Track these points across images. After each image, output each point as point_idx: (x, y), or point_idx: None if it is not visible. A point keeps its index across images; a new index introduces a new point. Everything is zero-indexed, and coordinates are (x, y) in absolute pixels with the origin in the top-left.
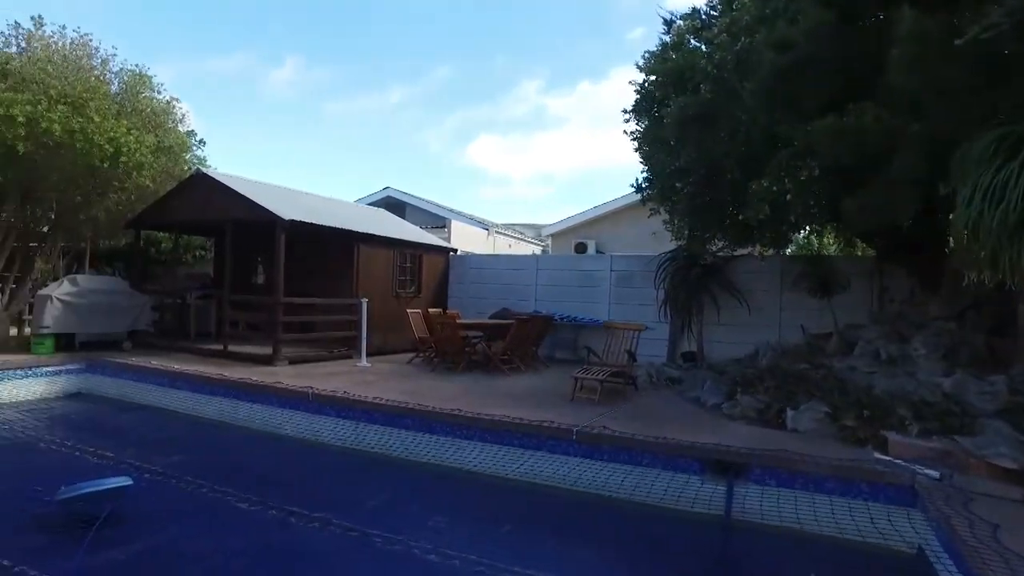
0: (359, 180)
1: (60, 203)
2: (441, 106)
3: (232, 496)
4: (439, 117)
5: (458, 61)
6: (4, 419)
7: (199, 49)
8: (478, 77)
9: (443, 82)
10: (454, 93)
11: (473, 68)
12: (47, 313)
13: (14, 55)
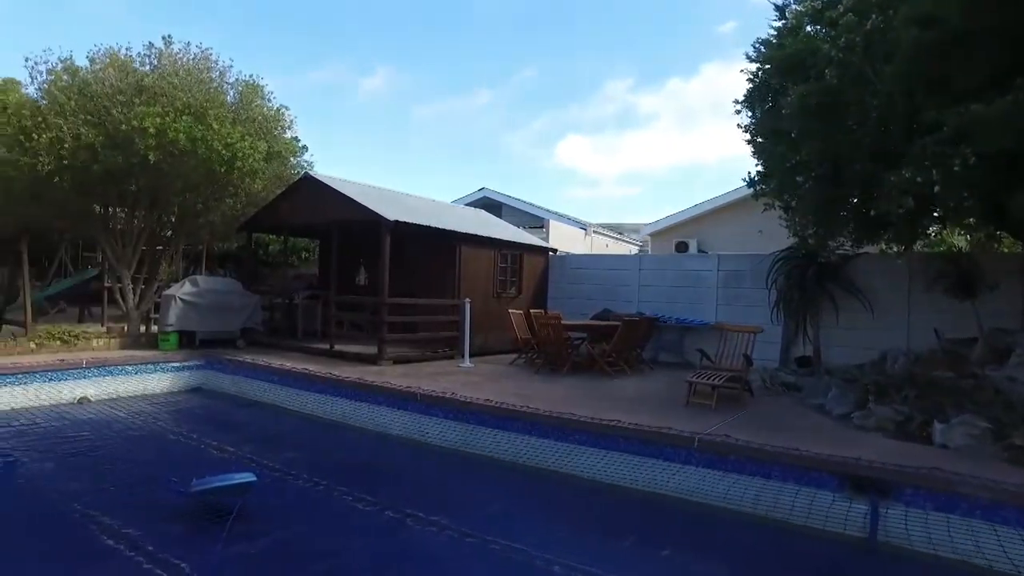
0: (447, 183)
1: (182, 208)
2: (528, 108)
3: (348, 495)
4: (526, 119)
5: (544, 63)
6: (139, 410)
7: (297, 62)
8: (565, 78)
9: (529, 84)
10: (541, 95)
11: (560, 69)
12: (171, 312)
13: (147, 72)
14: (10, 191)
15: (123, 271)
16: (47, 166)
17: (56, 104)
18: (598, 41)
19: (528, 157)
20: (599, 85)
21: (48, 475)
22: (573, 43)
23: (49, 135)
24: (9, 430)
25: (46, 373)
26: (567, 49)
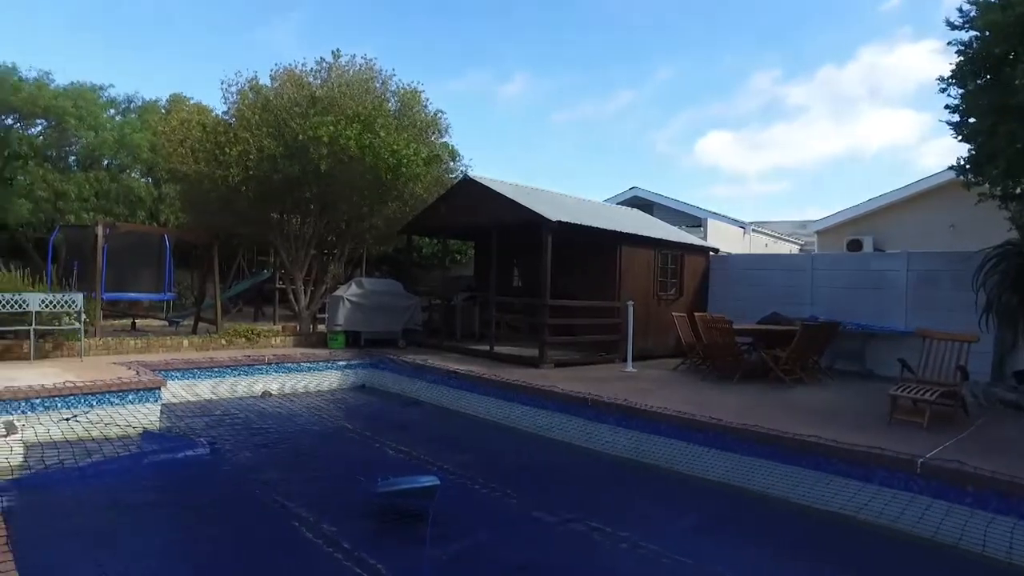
0: (583, 186)
1: (349, 213)
2: (666, 108)
3: (527, 503)
4: (665, 118)
5: (683, 60)
6: (314, 405)
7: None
8: (706, 74)
9: (667, 83)
10: (680, 93)
11: (700, 65)
12: (340, 312)
13: (319, 85)
14: (207, 202)
15: (296, 274)
16: (236, 177)
17: (243, 119)
18: (741, 34)
19: (667, 157)
20: (743, 79)
21: (247, 464)
22: (714, 38)
23: (238, 148)
24: (209, 419)
25: (236, 368)
26: (707, 44)
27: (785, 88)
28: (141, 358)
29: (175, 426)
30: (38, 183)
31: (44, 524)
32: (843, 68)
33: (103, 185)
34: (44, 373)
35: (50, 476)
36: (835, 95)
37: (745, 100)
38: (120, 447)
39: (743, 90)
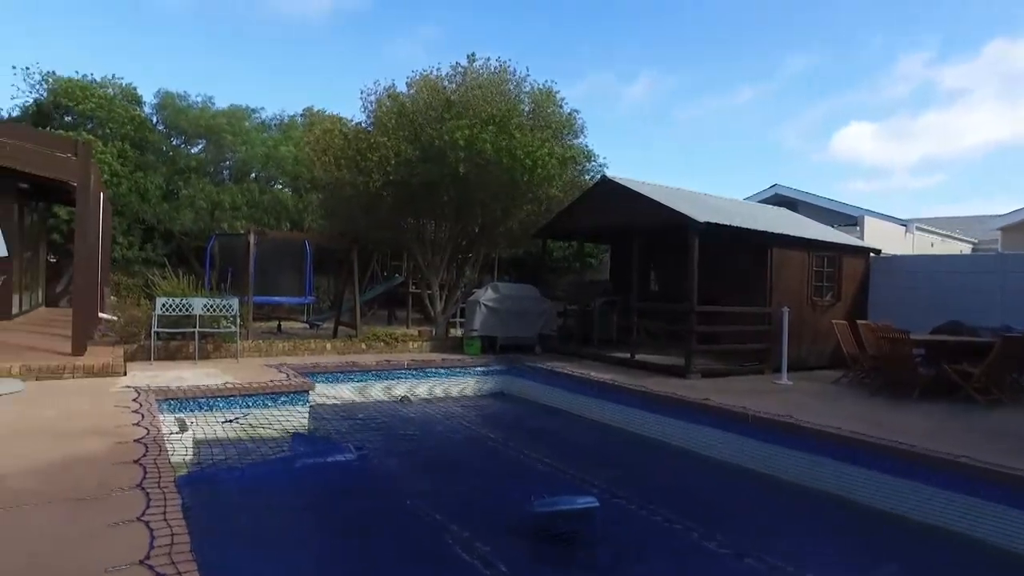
0: (711, 184)
1: (484, 217)
2: (799, 99)
3: (690, 529)
4: (797, 111)
5: (817, 49)
6: (453, 412)
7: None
8: (844, 61)
9: (799, 73)
10: (815, 83)
11: (837, 53)
12: (476, 317)
13: (454, 89)
14: (348, 208)
15: (432, 278)
16: (376, 183)
17: (382, 126)
18: (884, 14)
19: (798, 152)
20: (887, 64)
21: (394, 472)
22: (853, 21)
23: (377, 154)
24: (353, 423)
25: (376, 372)
26: (845, 29)
27: (939, 70)
28: (288, 360)
29: (321, 428)
30: (199, 195)
31: (212, 524)
32: (1017, 41)
33: (253, 195)
34: (207, 373)
35: (215, 475)
36: (1006, 74)
37: (890, 87)
38: (273, 448)
39: (888, 76)
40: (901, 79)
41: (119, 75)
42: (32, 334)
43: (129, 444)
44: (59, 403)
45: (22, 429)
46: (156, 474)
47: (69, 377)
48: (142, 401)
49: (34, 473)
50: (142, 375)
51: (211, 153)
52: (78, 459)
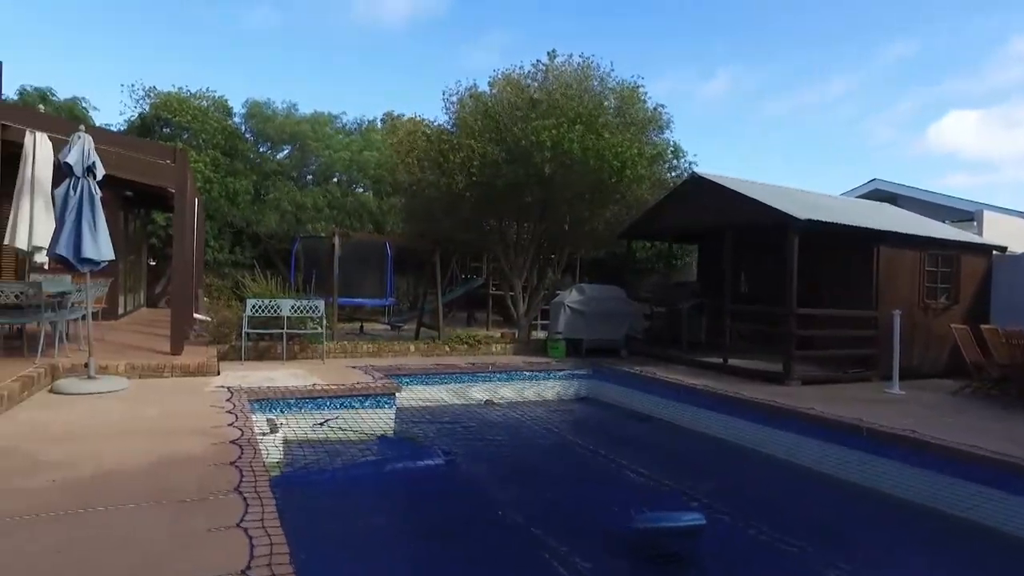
0: (795, 179)
1: (570, 217)
2: (891, 90)
3: (805, 553)
4: (889, 102)
5: (914, 34)
6: (538, 416)
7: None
8: (944, 47)
9: (896, 62)
10: (909, 72)
11: (936, 38)
12: (561, 319)
13: (537, 87)
14: (431, 210)
15: (515, 280)
16: (460, 184)
17: (466, 126)
18: None
19: (889, 145)
20: (995, 47)
21: (483, 478)
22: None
23: (461, 155)
24: (439, 426)
25: (461, 375)
26: (946, 10)
27: None
28: (372, 362)
29: (407, 431)
30: (284, 198)
31: (303, 528)
32: None
33: (335, 197)
34: (294, 374)
35: (306, 477)
36: None
37: (997, 72)
38: (361, 451)
39: (994, 61)
40: (1011, 62)
41: (212, 87)
42: (135, 333)
43: (225, 445)
44: (160, 402)
45: (128, 428)
46: (252, 478)
47: (168, 376)
48: (235, 401)
49: (139, 473)
50: (234, 375)
51: (295, 158)
52: (178, 459)
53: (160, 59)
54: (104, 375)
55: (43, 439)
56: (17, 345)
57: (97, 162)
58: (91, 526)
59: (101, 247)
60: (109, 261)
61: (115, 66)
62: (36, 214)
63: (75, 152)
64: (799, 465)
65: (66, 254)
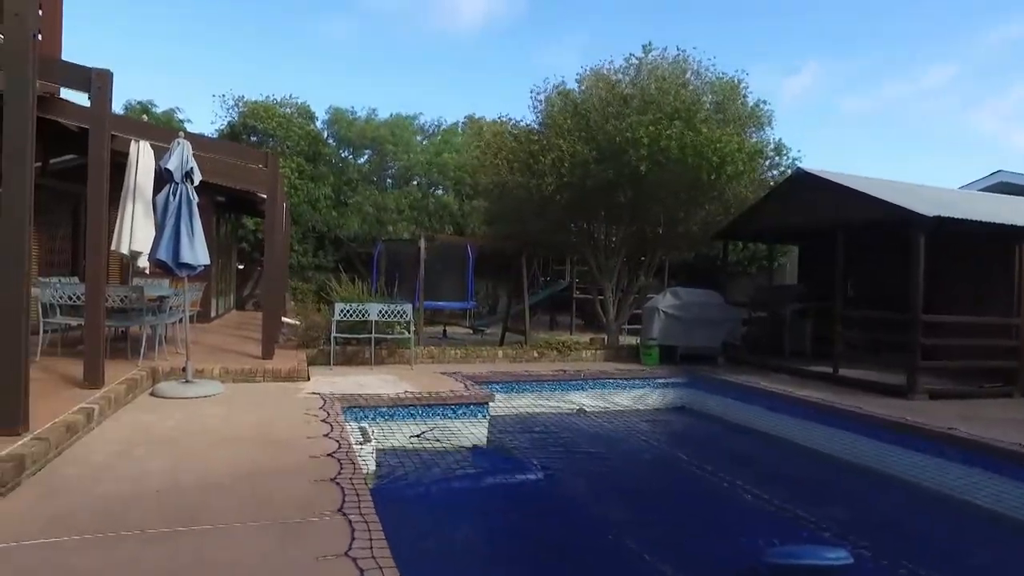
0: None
1: (665, 218)
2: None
3: None
4: (994, 91)
5: None
6: (635, 427)
7: None
8: None
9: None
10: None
11: None
12: (655, 325)
13: (627, 83)
14: (519, 212)
15: (605, 283)
16: (550, 185)
17: (555, 126)
18: None
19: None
20: None
21: (585, 496)
22: None
23: (551, 155)
24: (531, 436)
25: (552, 383)
26: None
27: None
28: (461, 368)
29: (500, 442)
30: (366, 201)
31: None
32: None
33: (415, 199)
34: (383, 380)
35: (400, 491)
36: None
37: None
38: (454, 463)
39: None
40: None
41: (295, 95)
42: (227, 336)
43: (323, 459)
44: (255, 408)
45: (226, 435)
46: (355, 498)
47: (260, 380)
48: (329, 409)
49: (240, 487)
50: (324, 380)
51: (375, 162)
52: (278, 472)
53: (248, 71)
54: (200, 379)
55: (148, 443)
56: (121, 347)
57: (195, 167)
58: (195, 548)
59: (198, 252)
60: (204, 266)
61: (207, 79)
62: (137, 220)
63: (175, 158)
64: (944, 494)
65: (165, 258)
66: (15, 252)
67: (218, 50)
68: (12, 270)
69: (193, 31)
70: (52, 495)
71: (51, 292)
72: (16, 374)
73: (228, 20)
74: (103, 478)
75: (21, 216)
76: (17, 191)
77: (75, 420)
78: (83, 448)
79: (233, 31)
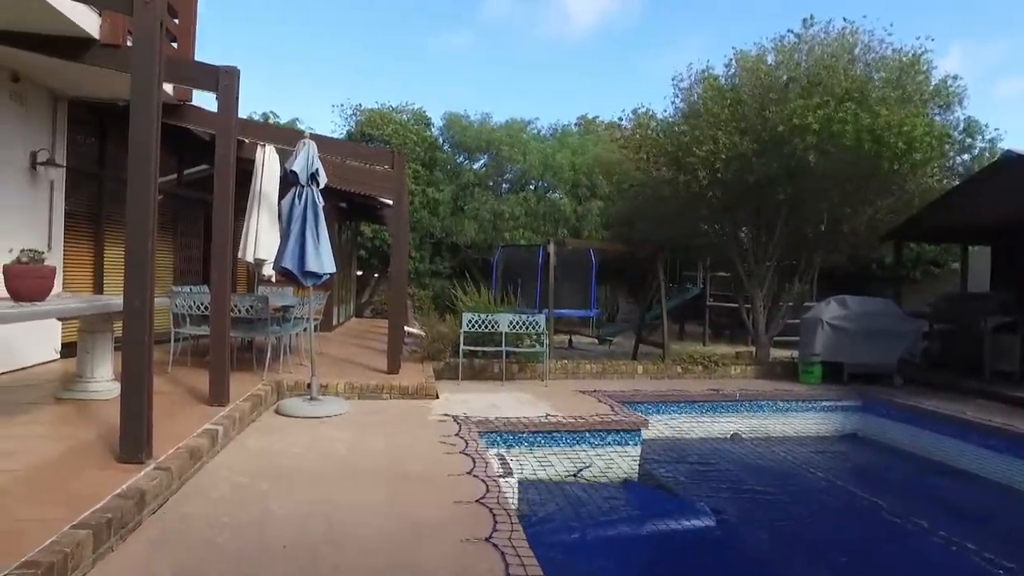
0: None
1: (829, 215)
2: None
3: None
4: None
5: None
6: (804, 458)
7: None
8: None
9: None
10: None
11: None
12: (817, 338)
13: (781, 63)
14: (661, 211)
15: (754, 291)
16: (704, 181)
17: (708, 115)
18: None
19: None
20: None
21: (772, 553)
22: None
23: (705, 149)
24: (687, 468)
25: (703, 404)
26: None
27: None
28: (599, 385)
29: (654, 474)
30: (482, 207)
31: None
32: None
33: (531, 205)
34: (519, 399)
35: (549, 536)
36: None
37: None
38: (606, 500)
39: None
40: None
41: (411, 101)
42: (349, 346)
43: (471, 506)
44: (384, 432)
45: (356, 467)
46: (520, 568)
47: (387, 397)
48: (466, 437)
49: (377, 543)
50: (454, 398)
51: (491, 167)
52: (420, 523)
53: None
54: (325, 396)
55: (272, 476)
56: (247, 357)
57: (320, 169)
58: None
59: (324, 260)
60: (330, 274)
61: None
62: (262, 226)
63: (300, 159)
64: None
65: (291, 267)
66: (140, 290)
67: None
68: (137, 312)
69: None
70: (172, 542)
71: (181, 301)
72: (140, 403)
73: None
74: (225, 523)
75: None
76: (143, 191)
77: (199, 445)
78: (206, 478)
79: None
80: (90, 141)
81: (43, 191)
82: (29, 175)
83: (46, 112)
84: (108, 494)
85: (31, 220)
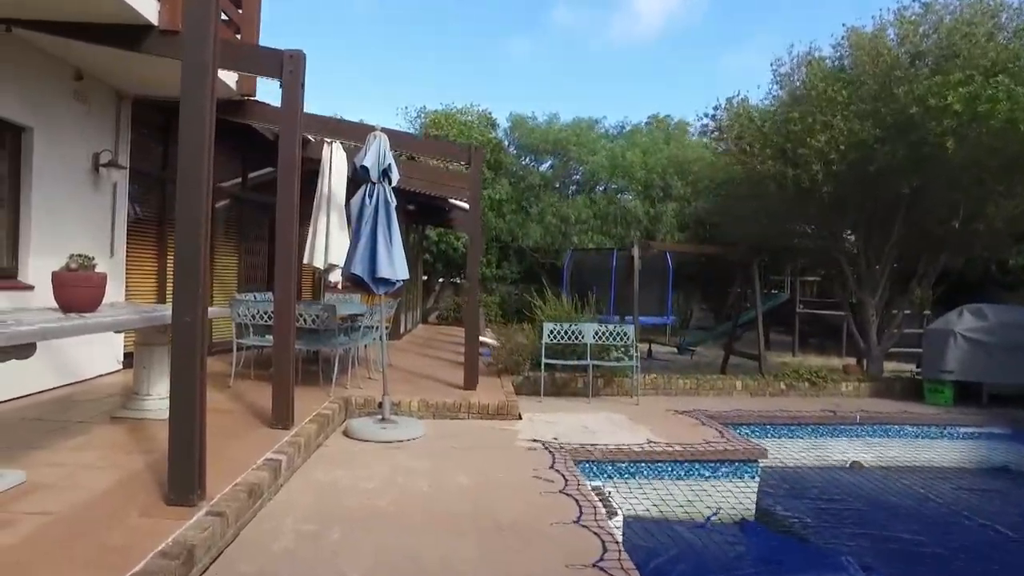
0: None
1: (964, 211)
2: None
3: None
4: None
5: None
6: (947, 495)
7: None
8: None
9: None
10: None
11: None
12: (949, 353)
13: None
14: (762, 208)
15: (866, 297)
16: (818, 175)
17: (823, 99)
18: None
19: None
20: None
21: None
22: None
23: (822, 136)
24: (809, 507)
25: (817, 427)
26: None
27: None
28: (695, 403)
29: (773, 513)
30: (548, 210)
31: None
32: None
33: (600, 207)
34: (612, 420)
35: None
36: None
37: None
38: (722, 545)
39: None
40: None
41: (476, 102)
42: (419, 356)
43: (588, 573)
44: (467, 462)
45: (440, 510)
46: None
47: (464, 416)
48: (563, 471)
49: None
50: (539, 419)
51: (558, 168)
52: None
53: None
54: (398, 416)
55: (344, 520)
56: (313, 371)
57: (393, 165)
58: None
59: (396, 265)
60: (403, 281)
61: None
62: (331, 230)
63: (371, 154)
64: None
65: (361, 273)
66: (191, 305)
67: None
68: (187, 329)
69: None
70: None
71: (244, 310)
72: (190, 437)
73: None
74: None
75: (195, 233)
76: (193, 189)
77: (259, 480)
78: (267, 523)
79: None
80: (155, 142)
81: (106, 194)
82: (91, 177)
83: (110, 111)
84: (149, 551)
85: (93, 224)
